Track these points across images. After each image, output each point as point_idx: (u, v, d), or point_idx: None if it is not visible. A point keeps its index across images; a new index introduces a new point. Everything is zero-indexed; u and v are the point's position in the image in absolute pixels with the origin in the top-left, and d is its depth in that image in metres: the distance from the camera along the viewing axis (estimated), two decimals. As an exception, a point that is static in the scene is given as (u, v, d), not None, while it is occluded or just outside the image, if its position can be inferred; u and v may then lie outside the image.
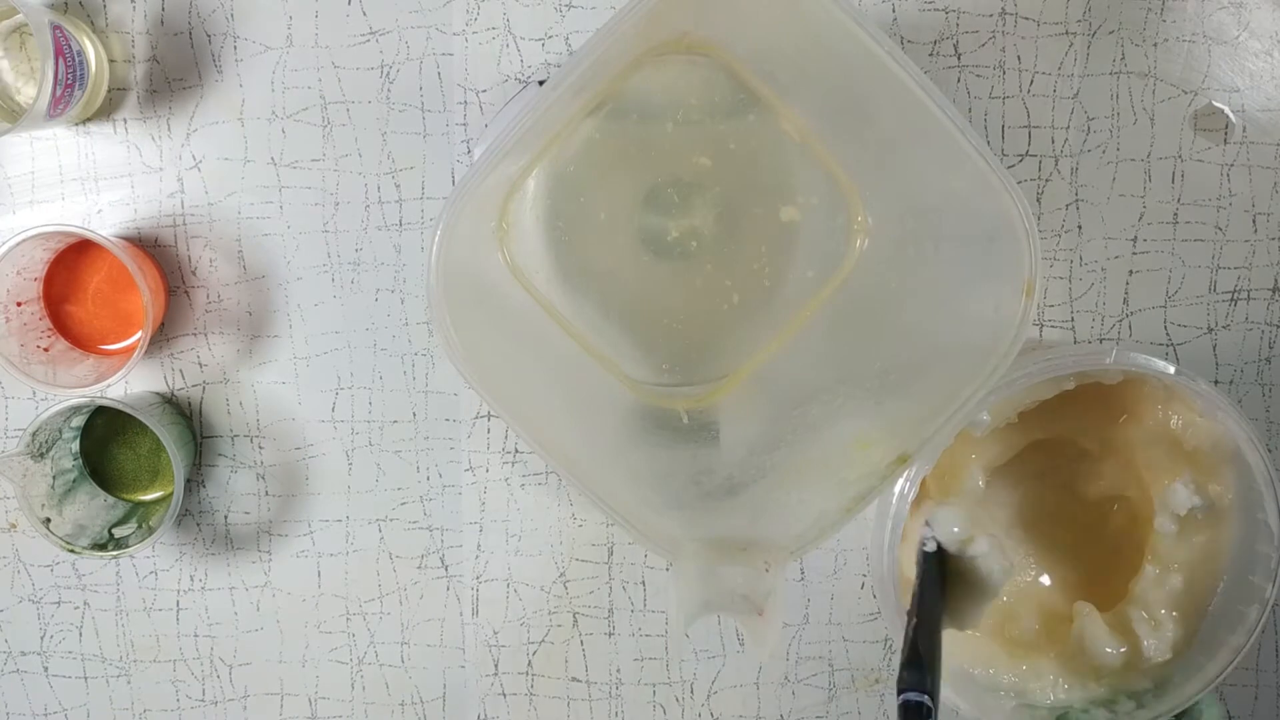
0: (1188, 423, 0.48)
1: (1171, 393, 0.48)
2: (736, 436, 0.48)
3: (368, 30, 0.53)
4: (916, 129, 0.40)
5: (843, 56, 0.41)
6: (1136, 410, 0.49)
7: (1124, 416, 0.50)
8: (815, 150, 0.49)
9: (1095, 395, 0.48)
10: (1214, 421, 0.47)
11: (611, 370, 0.48)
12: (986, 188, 0.39)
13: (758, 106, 0.49)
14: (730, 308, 0.50)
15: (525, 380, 0.46)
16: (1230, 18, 0.53)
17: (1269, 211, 0.55)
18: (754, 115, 0.49)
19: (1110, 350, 0.46)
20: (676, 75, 0.49)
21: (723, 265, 0.50)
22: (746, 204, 0.50)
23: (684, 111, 0.49)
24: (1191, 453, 0.48)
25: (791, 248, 0.50)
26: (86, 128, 0.54)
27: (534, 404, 0.43)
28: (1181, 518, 0.48)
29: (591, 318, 0.48)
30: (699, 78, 0.49)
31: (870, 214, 0.49)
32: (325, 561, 0.57)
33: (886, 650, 0.57)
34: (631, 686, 0.58)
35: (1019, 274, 0.39)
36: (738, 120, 0.49)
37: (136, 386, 0.56)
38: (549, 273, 0.48)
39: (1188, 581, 0.49)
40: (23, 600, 0.57)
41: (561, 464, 0.41)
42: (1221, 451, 0.47)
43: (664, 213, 0.49)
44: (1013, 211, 0.39)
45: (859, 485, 0.40)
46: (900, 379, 0.45)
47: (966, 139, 0.39)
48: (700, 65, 0.49)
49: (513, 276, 0.47)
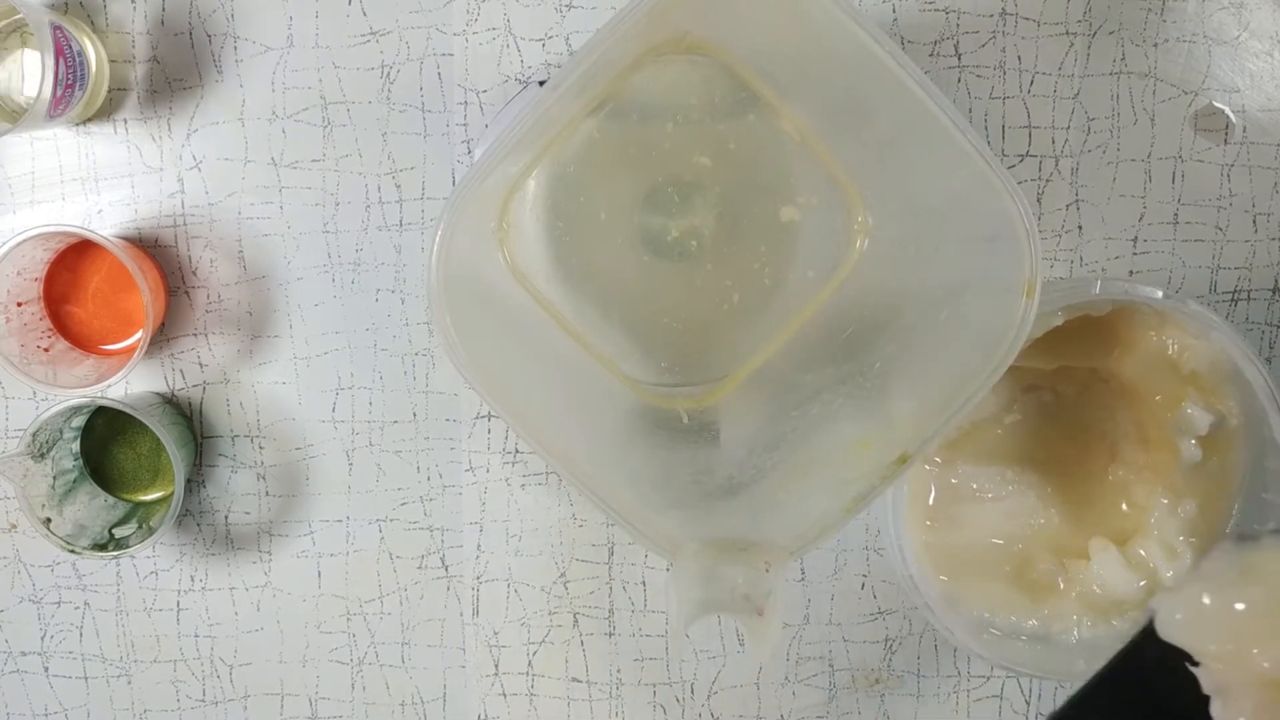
0: (1183, 346, 0.48)
1: (1163, 318, 0.48)
2: (736, 436, 0.48)
3: (368, 30, 0.54)
4: (917, 129, 0.40)
5: (843, 56, 0.41)
6: (1130, 340, 0.49)
7: (1117, 349, 0.50)
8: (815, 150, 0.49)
9: (1088, 329, 0.48)
10: (1208, 341, 0.47)
11: (611, 370, 0.48)
12: (988, 188, 0.39)
13: (758, 106, 0.49)
14: (730, 307, 0.50)
15: (526, 380, 0.46)
16: (1231, 18, 0.53)
17: (1269, 212, 0.55)
18: (754, 115, 0.49)
19: (1096, 280, 0.46)
20: (677, 75, 0.49)
21: (723, 265, 0.50)
22: (747, 204, 0.50)
23: (684, 111, 0.49)
24: (1191, 375, 0.48)
25: (792, 247, 0.50)
26: (87, 128, 0.54)
27: (534, 404, 0.43)
28: (1199, 440, 0.48)
29: (591, 318, 0.48)
30: (699, 78, 0.49)
31: (871, 214, 0.49)
32: (325, 562, 0.57)
33: (887, 650, 0.57)
34: (632, 687, 0.58)
35: (1019, 275, 0.39)
36: (738, 120, 0.49)
37: (137, 387, 0.56)
38: (549, 273, 0.48)
39: (1201, 507, 0.49)
40: (23, 600, 0.57)
41: (561, 464, 0.41)
42: (1220, 371, 0.47)
43: (664, 213, 0.49)
44: (1014, 212, 0.39)
45: (859, 485, 0.40)
46: (900, 379, 0.45)
47: (967, 139, 0.39)
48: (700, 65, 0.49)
49: (513, 277, 0.47)
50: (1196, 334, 0.47)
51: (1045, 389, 0.53)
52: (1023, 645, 0.50)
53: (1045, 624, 0.50)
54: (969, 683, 0.58)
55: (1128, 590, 0.49)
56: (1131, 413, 0.52)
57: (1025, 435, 0.52)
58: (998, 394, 0.50)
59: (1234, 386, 0.47)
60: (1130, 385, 0.51)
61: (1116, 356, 0.50)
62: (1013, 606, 0.51)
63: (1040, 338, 0.47)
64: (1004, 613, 0.50)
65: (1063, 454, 0.53)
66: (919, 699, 0.58)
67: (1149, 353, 0.49)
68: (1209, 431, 0.48)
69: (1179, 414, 0.48)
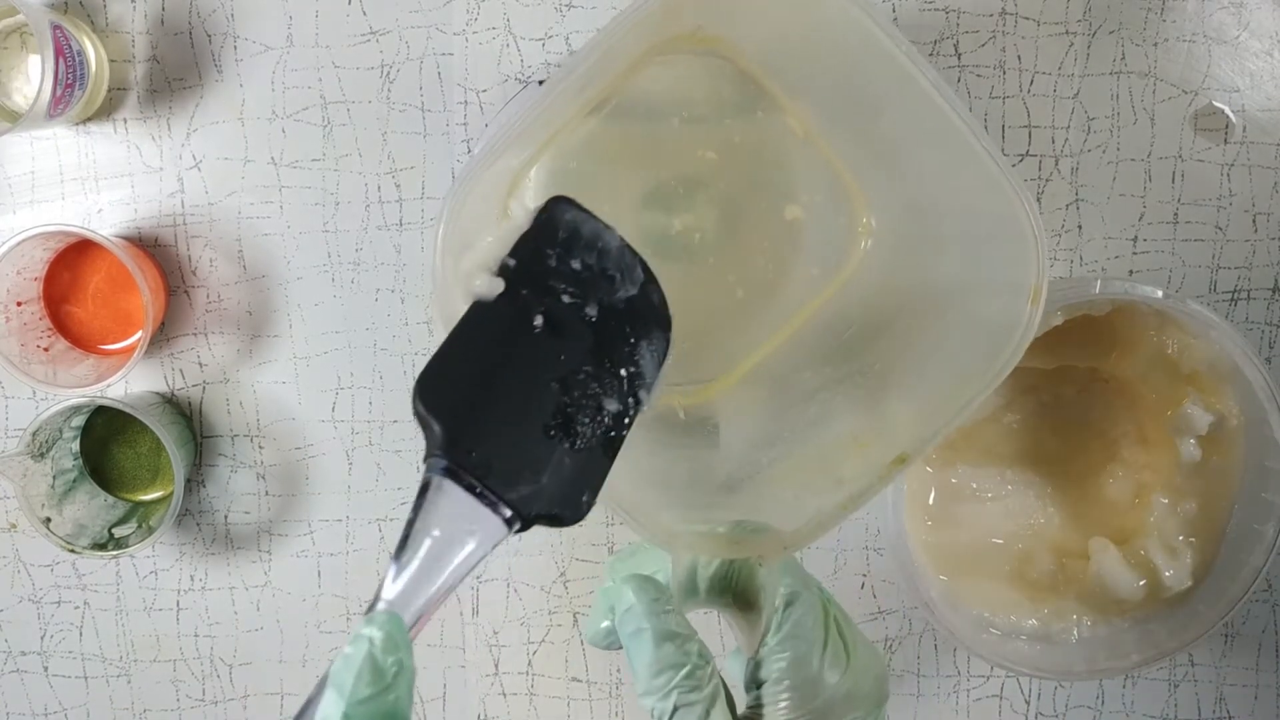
0: (1183, 346, 0.48)
1: (1163, 317, 0.48)
2: (734, 433, 0.48)
3: (368, 30, 0.53)
4: (926, 129, 0.40)
5: (853, 53, 0.40)
6: (1130, 340, 0.49)
7: (1117, 349, 0.50)
8: (821, 148, 0.49)
9: (1087, 329, 0.48)
10: (1208, 341, 0.47)
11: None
12: (996, 191, 0.39)
13: (764, 103, 0.49)
14: (732, 304, 0.50)
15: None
16: (1230, 17, 0.53)
17: (1269, 211, 0.55)
18: (761, 112, 0.49)
19: (1095, 280, 0.46)
20: (683, 71, 0.49)
21: (726, 261, 0.50)
22: (751, 201, 0.50)
23: (690, 107, 0.49)
24: (1191, 375, 0.48)
25: (795, 245, 0.50)
26: (87, 127, 0.54)
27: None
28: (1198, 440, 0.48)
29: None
30: (706, 74, 0.49)
31: (875, 216, 0.49)
32: (325, 561, 0.57)
33: (886, 650, 0.57)
34: (632, 687, 0.58)
35: (1024, 278, 0.39)
36: (744, 117, 0.49)
37: (136, 386, 0.56)
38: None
39: (1201, 506, 0.49)
40: (23, 600, 0.57)
41: None
42: (1220, 370, 0.47)
43: (668, 208, 0.49)
44: (1022, 216, 0.39)
45: (856, 484, 0.40)
46: (900, 380, 0.44)
47: (979, 142, 0.38)
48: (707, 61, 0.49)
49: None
50: (1196, 334, 0.47)
51: (1045, 389, 0.53)
52: (1023, 645, 0.50)
53: (1045, 623, 0.50)
54: (969, 682, 0.58)
55: (1128, 590, 0.49)
56: (1131, 413, 0.52)
57: (1025, 435, 0.52)
58: (998, 394, 0.50)
59: (1234, 386, 0.47)
60: (1130, 385, 0.51)
61: (1116, 356, 0.50)
62: (1013, 606, 0.51)
63: (1040, 338, 0.47)
64: (1004, 612, 0.50)
65: (1063, 454, 0.53)
66: (919, 698, 0.58)
67: (1149, 353, 0.49)
68: (1208, 431, 0.48)
69: (1179, 414, 0.48)
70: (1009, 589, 0.51)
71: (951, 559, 0.52)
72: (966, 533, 0.53)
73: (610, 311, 0.36)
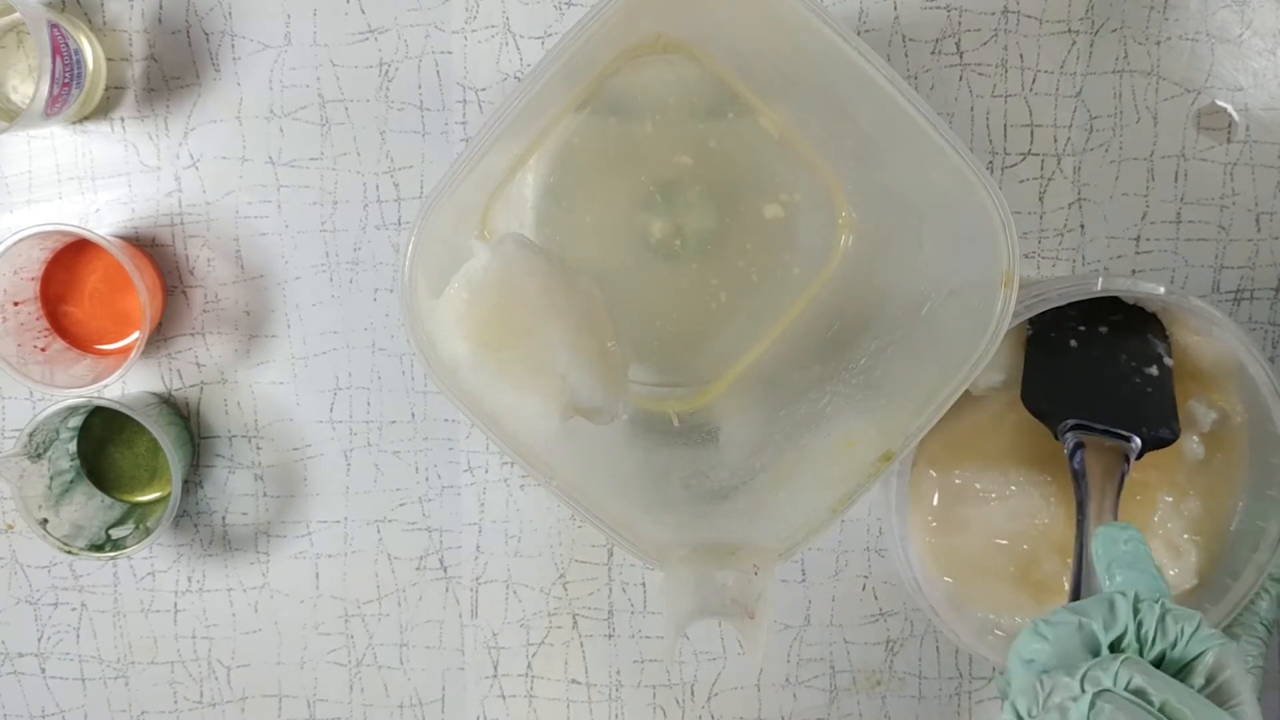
0: (1186, 343, 0.47)
1: (1166, 314, 0.48)
2: (726, 438, 0.48)
3: (366, 28, 0.53)
4: (894, 126, 0.40)
5: (815, 55, 0.41)
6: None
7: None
8: (796, 147, 0.49)
9: None
10: (1211, 338, 0.46)
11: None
12: (963, 182, 0.39)
13: (737, 105, 0.49)
14: (718, 306, 0.50)
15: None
16: (1233, 16, 0.53)
17: (1272, 211, 0.54)
18: (734, 113, 0.49)
19: (1097, 277, 0.46)
20: (653, 75, 0.49)
21: (709, 264, 0.50)
22: (730, 202, 0.50)
23: (663, 111, 0.49)
24: (1194, 373, 0.47)
25: (777, 245, 0.50)
26: (84, 126, 0.54)
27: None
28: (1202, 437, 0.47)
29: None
30: (676, 77, 0.49)
31: (854, 209, 0.49)
32: (323, 563, 0.57)
33: (888, 652, 0.57)
34: (631, 689, 0.57)
35: (999, 267, 0.39)
36: (718, 119, 0.49)
37: (134, 387, 0.56)
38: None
39: (1205, 504, 0.48)
40: (20, 601, 0.57)
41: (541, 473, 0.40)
42: (1224, 368, 0.47)
43: (647, 213, 0.49)
44: (989, 204, 0.39)
45: (845, 484, 0.40)
46: (885, 375, 0.44)
47: (940, 134, 0.39)
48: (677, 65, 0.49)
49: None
50: (1199, 330, 0.47)
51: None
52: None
53: None
54: (971, 684, 0.57)
55: None
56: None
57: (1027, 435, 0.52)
58: (999, 394, 0.50)
59: (1237, 383, 0.47)
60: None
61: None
62: (1017, 607, 0.50)
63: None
64: (1009, 614, 0.50)
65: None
66: (920, 700, 0.58)
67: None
68: (1212, 428, 0.48)
69: (1182, 410, 0.48)
70: (1014, 590, 0.51)
71: (956, 561, 0.51)
72: (971, 534, 0.52)
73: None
